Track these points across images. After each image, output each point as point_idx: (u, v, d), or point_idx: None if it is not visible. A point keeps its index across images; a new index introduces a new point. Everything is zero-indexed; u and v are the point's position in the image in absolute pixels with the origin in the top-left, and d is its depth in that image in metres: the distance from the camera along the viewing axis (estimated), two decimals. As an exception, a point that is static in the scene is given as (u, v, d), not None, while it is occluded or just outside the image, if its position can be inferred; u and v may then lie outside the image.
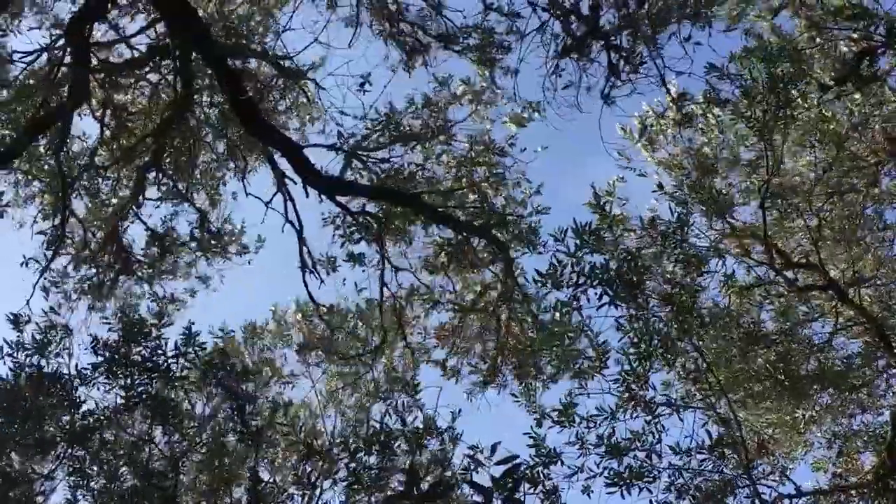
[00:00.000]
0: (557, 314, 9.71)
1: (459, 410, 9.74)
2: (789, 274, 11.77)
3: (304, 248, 13.14)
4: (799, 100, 10.35)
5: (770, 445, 11.79)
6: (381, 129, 13.36)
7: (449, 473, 9.22)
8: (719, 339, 11.41)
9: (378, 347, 13.94)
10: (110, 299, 13.77)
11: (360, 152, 13.26)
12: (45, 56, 12.03)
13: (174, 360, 9.27)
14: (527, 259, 11.13)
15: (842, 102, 11.13)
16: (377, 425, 9.30)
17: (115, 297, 13.84)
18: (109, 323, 9.77)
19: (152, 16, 12.34)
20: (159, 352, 9.28)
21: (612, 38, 11.13)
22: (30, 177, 13.24)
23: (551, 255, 9.35)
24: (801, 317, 12.34)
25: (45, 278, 12.75)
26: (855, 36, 10.32)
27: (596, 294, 9.31)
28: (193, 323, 9.62)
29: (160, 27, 12.35)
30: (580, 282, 9.30)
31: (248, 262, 14.99)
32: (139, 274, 14.00)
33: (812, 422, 12.74)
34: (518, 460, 8.68)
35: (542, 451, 9.07)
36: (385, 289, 13.63)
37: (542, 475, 8.90)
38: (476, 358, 14.46)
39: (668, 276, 9.73)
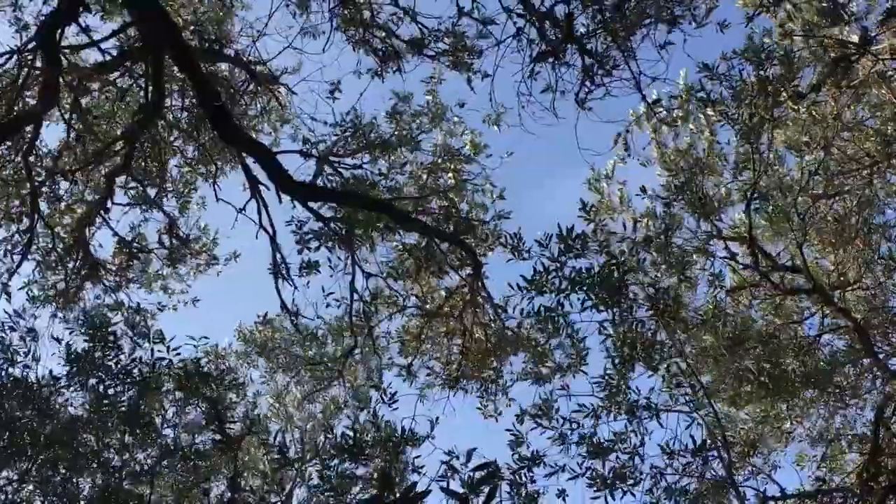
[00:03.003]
0: (540, 319, 9.74)
1: (437, 419, 9.74)
2: (775, 277, 11.88)
3: (278, 255, 13.06)
4: (788, 102, 10.43)
5: (756, 445, 11.86)
6: (350, 135, 13.38)
7: (422, 480, 9.18)
8: (706, 338, 11.49)
9: (348, 353, 13.92)
10: (75, 306, 13.58)
11: (331, 158, 13.24)
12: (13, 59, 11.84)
13: (147, 368, 9.19)
14: (508, 266, 11.14)
15: (820, 108, 11.25)
16: (349, 432, 9.26)
17: (81, 304, 13.67)
18: (71, 328, 9.64)
19: (124, 19, 12.22)
20: (130, 358, 9.20)
21: (587, 42, 11.16)
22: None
23: (535, 261, 9.41)
24: (786, 318, 12.46)
25: (8, 283, 12.60)
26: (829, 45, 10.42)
27: (579, 299, 9.37)
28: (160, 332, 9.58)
29: (132, 31, 12.20)
30: (563, 287, 9.34)
31: (218, 274, 15.02)
32: (105, 282, 13.86)
33: (797, 420, 12.86)
34: (494, 466, 8.67)
35: (522, 447, 9.09)
36: (355, 294, 13.61)
37: (524, 477, 8.91)
38: (438, 363, 14.42)
39: (653, 279, 9.80)
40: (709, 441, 9.14)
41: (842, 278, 12.10)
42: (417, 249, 13.81)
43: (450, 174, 14.13)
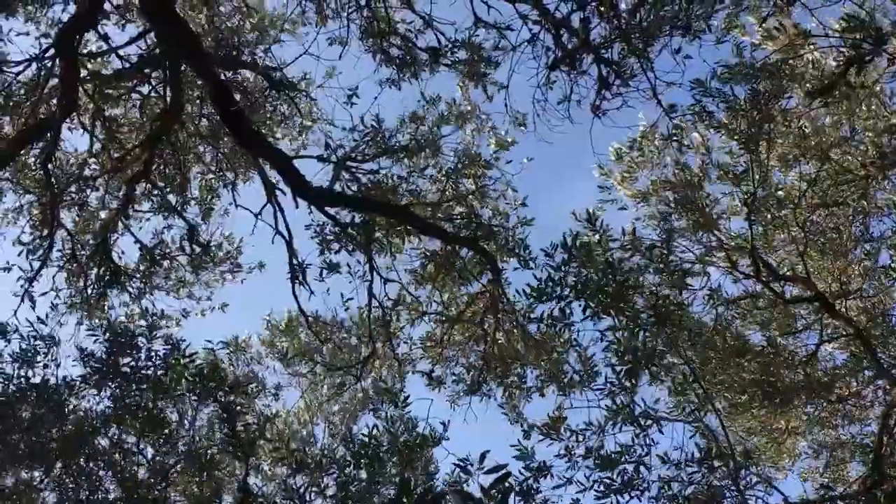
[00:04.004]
0: (544, 326, 9.75)
1: (449, 421, 9.77)
2: (776, 286, 11.84)
3: (294, 259, 13.10)
4: (780, 116, 10.44)
5: (755, 455, 11.79)
6: (369, 140, 13.41)
7: (437, 484, 9.19)
8: (704, 351, 11.46)
9: (366, 359, 13.95)
10: (98, 312, 13.69)
11: (349, 163, 13.28)
12: (33, 66, 11.98)
13: (163, 371, 9.26)
14: (517, 274, 11.20)
15: (828, 113, 11.21)
16: (365, 438, 9.28)
17: (104, 311, 13.77)
18: (95, 335, 9.72)
19: (142, 27, 12.34)
20: (148, 363, 9.28)
21: (603, 51, 11.14)
22: (19, 187, 13.20)
23: (541, 269, 9.42)
24: (786, 328, 12.42)
25: (29, 289, 12.70)
26: (843, 45, 10.34)
27: (580, 306, 9.37)
28: (183, 339, 9.66)
29: (150, 38, 12.31)
30: (565, 295, 9.35)
31: (242, 282, 15.16)
32: (129, 289, 13.96)
33: (797, 432, 12.80)
34: (507, 470, 8.66)
35: (531, 463, 9.10)
36: (373, 300, 13.62)
37: (531, 488, 8.91)
38: (461, 368, 14.44)
39: (654, 288, 9.78)
40: (714, 449, 9.10)
41: (842, 287, 12.05)
42: (438, 255, 13.85)
43: (470, 179, 14.15)
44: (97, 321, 12.10)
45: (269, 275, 15.23)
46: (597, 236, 9.63)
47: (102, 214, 13.82)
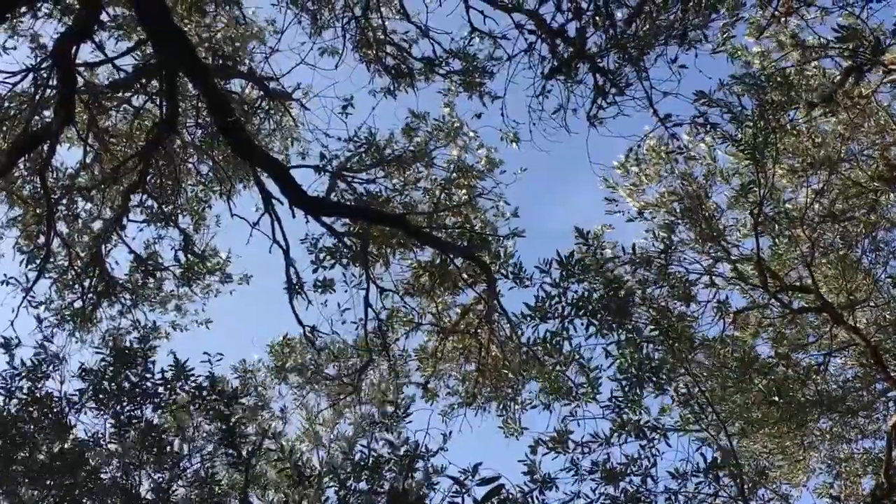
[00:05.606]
0: (547, 344, 9.71)
1: (450, 433, 9.72)
2: (784, 297, 11.84)
3: (292, 270, 13.05)
4: (788, 126, 10.44)
5: (769, 472, 11.76)
6: (363, 151, 13.41)
7: (437, 497, 9.14)
8: (713, 367, 11.44)
9: (363, 368, 13.92)
10: (92, 325, 13.65)
11: (344, 173, 13.26)
12: (29, 78, 11.91)
13: (163, 386, 9.19)
14: (514, 292, 11.13)
15: (832, 125, 11.23)
16: (365, 451, 9.23)
17: (96, 324, 13.73)
18: (99, 351, 9.66)
19: (138, 37, 12.28)
20: (147, 376, 9.20)
21: (599, 60, 11.15)
22: (13, 198, 13.14)
23: (538, 288, 9.40)
24: (795, 341, 12.41)
25: (28, 300, 12.62)
26: (840, 56, 10.38)
27: (583, 324, 9.35)
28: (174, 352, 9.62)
29: (147, 48, 12.26)
30: (566, 313, 9.31)
31: (231, 293, 15.18)
32: (121, 300, 13.90)
33: (811, 447, 12.77)
34: (501, 481, 8.62)
35: (537, 477, 9.05)
36: (370, 310, 13.57)
37: (537, 500, 8.88)
38: (455, 380, 14.43)
39: (657, 302, 9.77)
40: (719, 459, 9.07)
41: (849, 298, 12.05)
42: (432, 266, 13.83)
43: (463, 190, 14.15)
44: (97, 335, 12.12)
45: (262, 288, 15.20)
46: (593, 251, 9.64)
47: (95, 225, 13.79)
